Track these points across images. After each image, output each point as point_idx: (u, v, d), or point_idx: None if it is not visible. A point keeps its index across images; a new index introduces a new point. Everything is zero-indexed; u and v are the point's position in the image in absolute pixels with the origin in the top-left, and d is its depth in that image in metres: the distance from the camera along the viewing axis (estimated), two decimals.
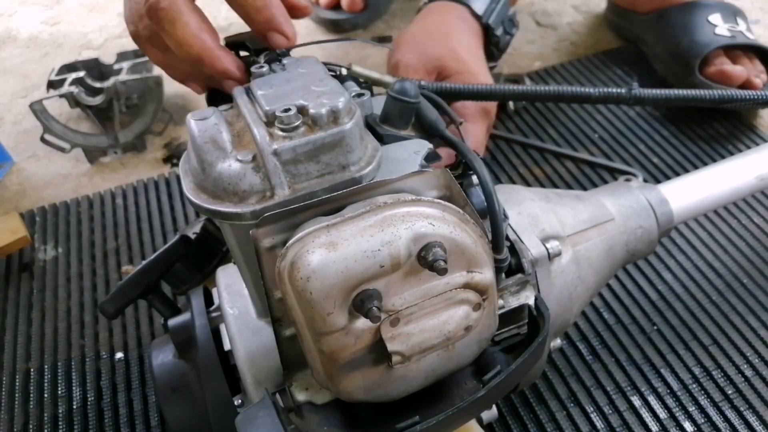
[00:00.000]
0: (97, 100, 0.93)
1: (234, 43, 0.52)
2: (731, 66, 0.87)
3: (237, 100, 0.41)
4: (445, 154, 0.46)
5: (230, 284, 0.48)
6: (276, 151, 0.37)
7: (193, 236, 0.60)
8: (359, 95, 0.43)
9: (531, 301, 0.47)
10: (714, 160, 0.83)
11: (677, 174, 0.82)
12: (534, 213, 0.52)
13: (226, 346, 0.48)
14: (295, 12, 0.52)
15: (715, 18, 0.91)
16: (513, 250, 0.48)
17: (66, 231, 0.83)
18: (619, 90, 0.60)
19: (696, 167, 0.82)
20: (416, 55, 0.72)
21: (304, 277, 0.34)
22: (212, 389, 0.46)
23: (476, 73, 0.72)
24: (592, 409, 0.60)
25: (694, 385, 0.61)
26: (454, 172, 0.46)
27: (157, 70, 1.00)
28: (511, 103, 0.92)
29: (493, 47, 0.81)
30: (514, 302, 0.47)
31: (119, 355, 0.68)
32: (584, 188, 0.80)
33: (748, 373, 0.62)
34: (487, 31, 0.79)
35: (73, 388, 0.66)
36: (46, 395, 0.66)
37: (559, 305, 0.51)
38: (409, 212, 0.35)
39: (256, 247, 0.36)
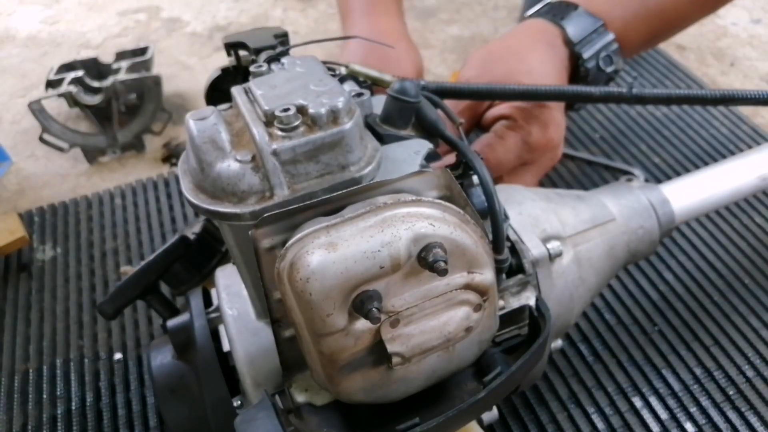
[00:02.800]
0: (96, 100, 0.92)
1: (233, 43, 0.52)
2: None
3: (236, 100, 0.41)
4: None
5: (229, 285, 0.48)
6: (275, 151, 0.37)
7: (192, 236, 0.60)
8: (359, 95, 0.43)
9: (532, 302, 0.46)
10: (715, 160, 0.83)
11: (678, 174, 0.82)
12: (535, 213, 0.51)
13: (226, 347, 0.47)
14: None
15: None
16: (514, 250, 0.48)
17: (64, 231, 0.83)
18: (620, 89, 0.59)
19: (697, 167, 0.82)
20: (480, 75, 0.66)
21: (303, 278, 0.33)
22: (211, 390, 0.46)
23: (539, 112, 0.65)
24: (593, 409, 0.60)
25: (695, 386, 0.61)
26: (454, 172, 0.46)
27: (156, 69, 0.99)
28: None
29: (580, 81, 0.71)
30: (514, 303, 0.47)
31: (118, 355, 0.68)
32: (585, 188, 0.80)
33: (750, 373, 0.61)
34: (577, 61, 0.69)
35: (72, 388, 0.66)
36: (44, 396, 0.65)
37: (560, 306, 0.51)
38: (410, 213, 0.35)
39: (256, 247, 0.36)
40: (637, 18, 0.71)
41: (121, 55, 1.01)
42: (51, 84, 0.96)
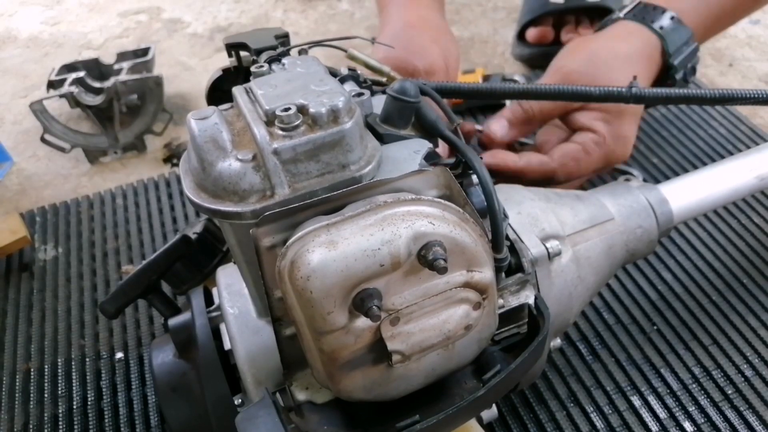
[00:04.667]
0: (97, 100, 0.93)
1: (234, 44, 0.52)
2: (535, 30, 0.97)
3: (237, 100, 0.41)
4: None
5: (230, 284, 0.48)
6: (276, 150, 0.37)
7: (193, 236, 0.60)
8: (359, 95, 0.43)
9: (531, 301, 0.47)
10: (714, 160, 0.83)
11: (677, 174, 0.82)
12: (534, 212, 0.52)
13: (227, 346, 0.48)
14: None
15: None
16: (513, 249, 0.48)
17: (66, 231, 0.83)
18: (619, 88, 0.60)
19: (696, 167, 0.82)
20: (582, 72, 0.68)
21: (304, 276, 0.34)
22: (212, 389, 0.46)
23: (624, 130, 0.69)
24: (591, 408, 0.60)
25: (693, 385, 0.61)
26: (454, 172, 0.46)
27: (157, 70, 1.00)
28: (507, 102, 0.92)
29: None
30: (514, 301, 0.47)
31: (119, 354, 0.68)
32: (584, 188, 0.80)
33: (748, 373, 0.62)
34: (668, 72, 0.72)
35: (73, 387, 0.66)
36: (46, 395, 0.66)
37: (559, 305, 0.51)
38: (409, 211, 0.35)
39: (257, 246, 0.36)
40: (711, 23, 0.74)
41: (122, 56, 1.01)
42: (52, 84, 0.96)
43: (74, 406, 0.64)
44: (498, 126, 0.70)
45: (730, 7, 0.74)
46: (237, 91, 0.42)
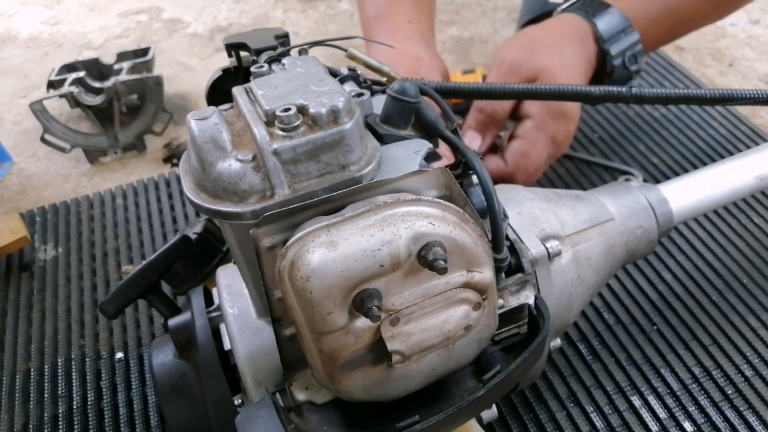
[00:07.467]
0: (97, 100, 0.93)
1: (234, 44, 0.52)
2: None
3: (237, 100, 0.41)
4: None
5: (230, 284, 0.48)
6: (276, 150, 0.37)
7: (193, 236, 0.60)
8: (359, 95, 0.43)
9: (531, 301, 0.47)
10: (714, 160, 0.83)
11: (677, 174, 0.82)
12: (534, 213, 0.52)
13: (227, 346, 0.48)
14: None
15: None
16: (513, 249, 0.48)
17: (66, 231, 0.83)
18: (619, 88, 0.60)
19: (696, 167, 0.82)
20: (521, 58, 0.71)
21: (304, 276, 0.34)
22: (212, 389, 0.46)
23: (561, 111, 0.70)
24: (592, 408, 0.60)
25: (694, 385, 0.61)
26: (454, 172, 0.46)
27: (157, 70, 1.00)
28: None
29: (605, 77, 0.76)
30: (513, 302, 0.47)
31: (119, 354, 0.68)
32: (584, 188, 0.80)
33: (748, 373, 0.62)
34: (604, 58, 0.74)
35: (73, 387, 0.66)
36: (46, 395, 0.66)
37: (559, 305, 0.51)
38: (409, 212, 0.35)
39: (256, 246, 0.36)
40: (660, 18, 0.76)
41: (122, 56, 1.01)
42: (52, 84, 0.96)
43: (74, 406, 0.64)
44: (471, 143, 0.71)
45: (676, 4, 0.76)
46: (237, 91, 0.42)
